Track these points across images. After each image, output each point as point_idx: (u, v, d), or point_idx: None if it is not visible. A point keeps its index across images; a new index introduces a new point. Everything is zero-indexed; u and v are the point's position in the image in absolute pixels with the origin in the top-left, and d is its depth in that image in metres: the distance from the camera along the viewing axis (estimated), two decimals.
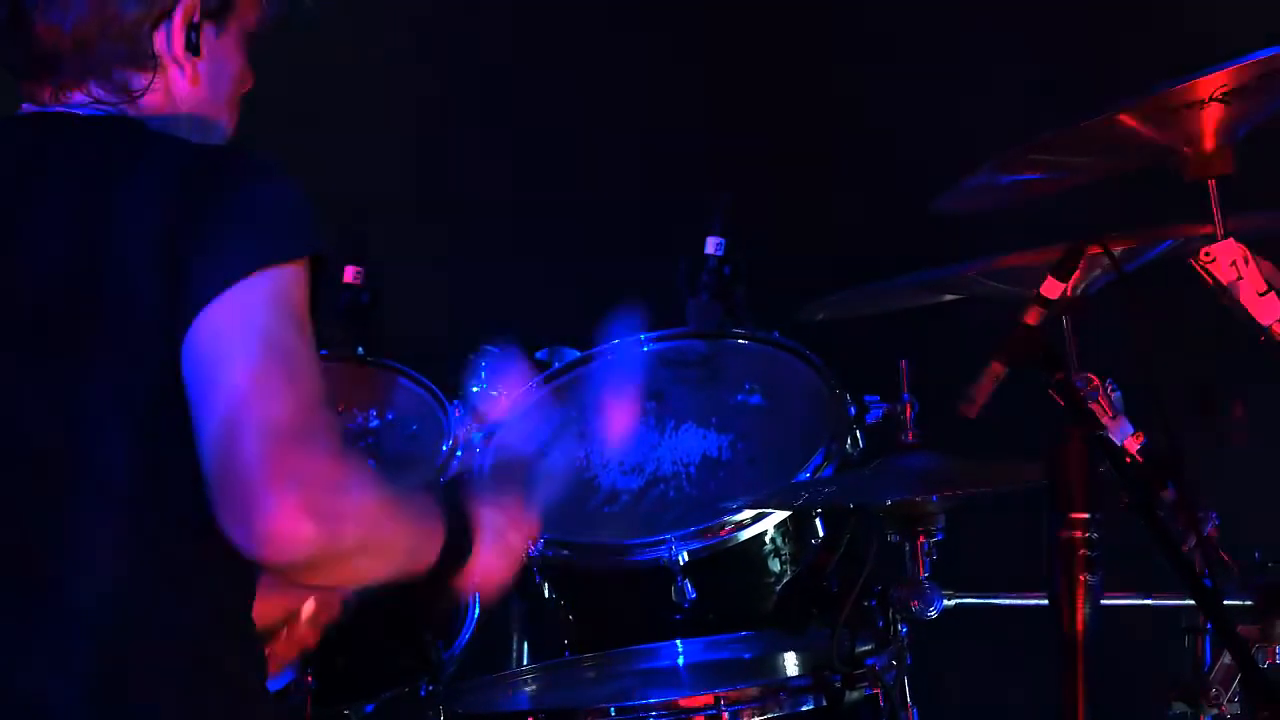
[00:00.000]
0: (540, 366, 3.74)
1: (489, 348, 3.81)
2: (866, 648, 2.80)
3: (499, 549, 2.26)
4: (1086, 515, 2.16)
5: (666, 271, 3.66)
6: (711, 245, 3.60)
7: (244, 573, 2.20)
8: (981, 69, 4.43)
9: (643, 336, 3.60)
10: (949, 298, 3.35)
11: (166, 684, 2.12)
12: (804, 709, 2.76)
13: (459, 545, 2.21)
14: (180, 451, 2.07)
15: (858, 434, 3.37)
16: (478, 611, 3.64)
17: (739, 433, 3.46)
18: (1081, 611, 2.16)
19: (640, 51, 4.61)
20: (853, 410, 3.38)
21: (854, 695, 2.76)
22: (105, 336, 2.12)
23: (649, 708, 2.78)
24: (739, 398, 3.54)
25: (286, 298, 2.11)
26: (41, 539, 2.11)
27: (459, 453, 3.53)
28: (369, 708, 3.54)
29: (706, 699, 2.73)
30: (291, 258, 2.12)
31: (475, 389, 3.77)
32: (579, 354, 3.75)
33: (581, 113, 4.66)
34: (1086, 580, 2.15)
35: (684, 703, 2.77)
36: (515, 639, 3.74)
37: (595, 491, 3.43)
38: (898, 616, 2.97)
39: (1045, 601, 3.07)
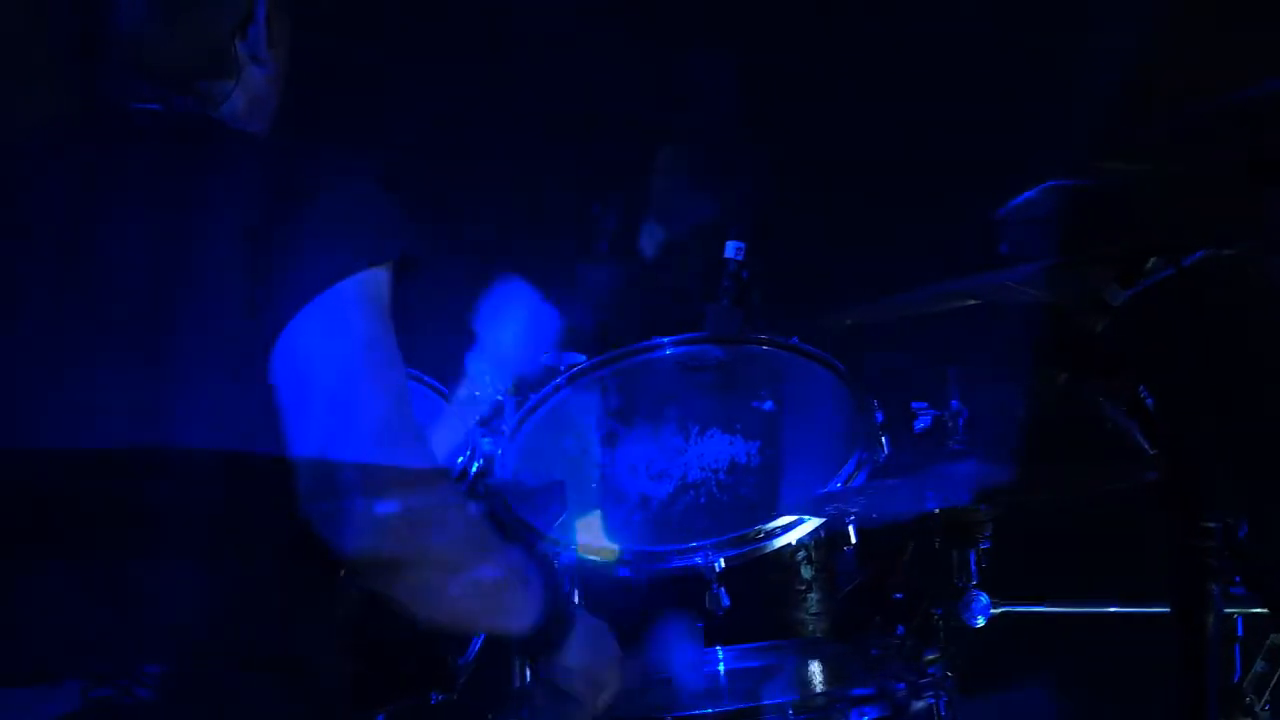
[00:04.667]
0: (550, 373, 3.69)
1: (484, 351, 3.76)
2: (932, 656, 2.79)
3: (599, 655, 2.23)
4: (1213, 523, 2.15)
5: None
6: (731, 249, 3.57)
7: (326, 570, 2.18)
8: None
9: (664, 340, 3.56)
10: (972, 302, 3.33)
11: (245, 686, 2.08)
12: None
13: (556, 616, 2.22)
14: (262, 449, 2.05)
15: (884, 440, 3.36)
16: None
17: (765, 439, 3.44)
18: (1206, 622, 2.14)
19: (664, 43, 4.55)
20: (880, 416, 3.36)
21: (919, 704, 2.74)
22: (187, 338, 2.08)
23: (714, 718, 2.74)
24: (760, 404, 3.51)
25: (376, 299, 2.09)
26: (122, 541, 2.07)
27: (478, 462, 3.48)
28: (380, 717, 3.48)
29: (776, 708, 2.69)
30: (380, 261, 2.10)
31: (478, 393, 3.72)
32: (585, 359, 3.71)
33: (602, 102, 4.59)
34: (1211, 589, 2.14)
35: (753, 712, 2.73)
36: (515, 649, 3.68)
37: (624, 497, 3.39)
38: (943, 624, 2.96)
39: (1090, 609, 3.12)
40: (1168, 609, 3.25)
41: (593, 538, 3.26)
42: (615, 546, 3.25)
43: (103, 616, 2.06)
